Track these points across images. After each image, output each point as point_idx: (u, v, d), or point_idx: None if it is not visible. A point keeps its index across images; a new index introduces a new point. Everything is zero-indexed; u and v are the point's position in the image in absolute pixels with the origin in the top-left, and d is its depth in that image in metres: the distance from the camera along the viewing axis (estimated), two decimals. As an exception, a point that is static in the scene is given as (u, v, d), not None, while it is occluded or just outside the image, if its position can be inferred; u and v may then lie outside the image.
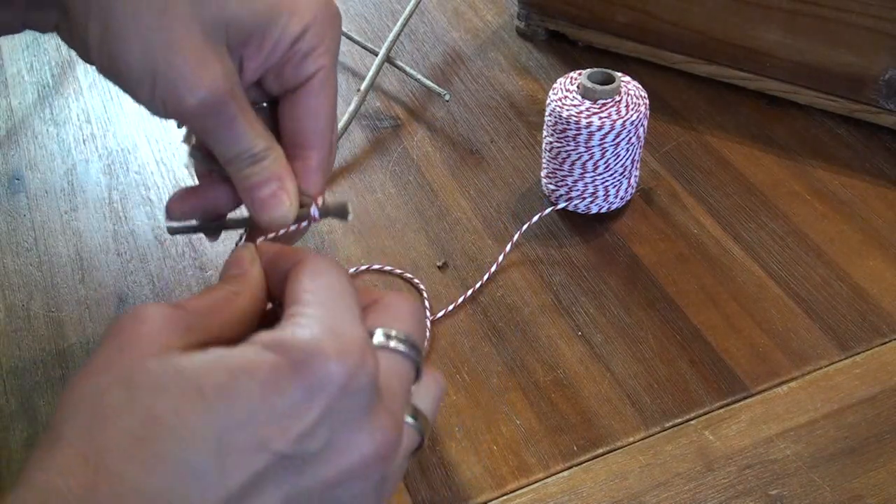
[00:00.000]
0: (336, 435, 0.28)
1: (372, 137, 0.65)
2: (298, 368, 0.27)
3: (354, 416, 0.29)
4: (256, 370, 0.27)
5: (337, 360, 0.28)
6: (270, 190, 0.37)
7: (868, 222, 0.56)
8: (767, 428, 0.45)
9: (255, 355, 0.28)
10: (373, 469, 0.29)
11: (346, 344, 0.28)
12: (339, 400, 0.28)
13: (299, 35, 0.37)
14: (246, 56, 0.37)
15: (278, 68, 0.38)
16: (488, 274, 0.53)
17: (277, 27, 0.36)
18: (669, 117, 0.65)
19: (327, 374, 0.28)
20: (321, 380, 0.27)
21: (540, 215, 0.55)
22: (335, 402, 0.28)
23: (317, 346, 0.28)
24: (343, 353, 0.28)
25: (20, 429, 0.47)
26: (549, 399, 0.47)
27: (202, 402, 0.27)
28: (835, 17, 0.59)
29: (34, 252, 0.56)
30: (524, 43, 0.73)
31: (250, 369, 0.27)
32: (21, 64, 0.72)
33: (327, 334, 0.28)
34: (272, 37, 0.36)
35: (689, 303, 0.52)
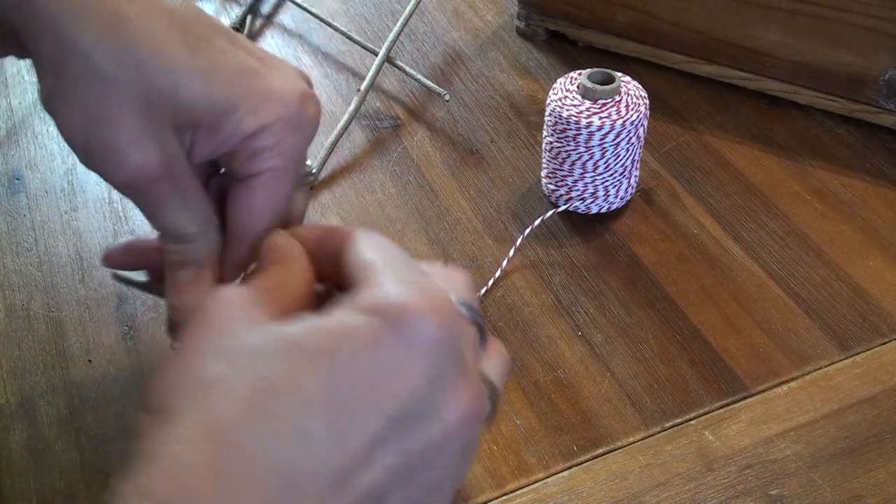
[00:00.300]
0: (436, 393, 0.28)
1: (372, 137, 0.65)
2: (396, 327, 0.27)
3: (451, 373, 0.28)
4: (355, 332, 0.27)
5: (431, 316, 0.27)
6: (187, 275, 0.37)
7: (868, 222, 0.56)
8: (767, 428, 0.45)
9: (350, 317, 0.27)
10: (468, 428, 0.29)
11: (436, 300, 0.28)
12: (437, 357, 0.27)
13: (253, 133, 0.35)
14: (197, 138, 0.36)
15: (229, 157, 0.37)
16: (492, 280, 0.53)
17: (231, 121, 0.35)
18: (669, 117, 0.65)
19: (425, 331, 0.27)
20: (420, 337, 0.27)
21: (542, 219, 0.55)
22: (434, 358, 0.27)
23: (409, 304, 0.27)
24: (435, 310, 0.27)
25: (20, 429, 0.47)
26: (549, 399, 0.47)
27: (310, 366, 0.26)
28: (835, 17, 0.59)
29: (34, 252, 0.56)
30: (524, 43, 0.73)
31: (349, 331, 0.27)
32: (21, 64, 0.72)
33: (415, 292, 0.28)
34: (225, 129, 0.35)
35: (689, 303, 0.52)
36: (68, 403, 0.48)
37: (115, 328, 0.51)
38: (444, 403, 0.28)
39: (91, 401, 0.48)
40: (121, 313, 0.52)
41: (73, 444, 0.46)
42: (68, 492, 0.44)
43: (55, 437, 0.46)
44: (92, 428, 0.47)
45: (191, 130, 0.35)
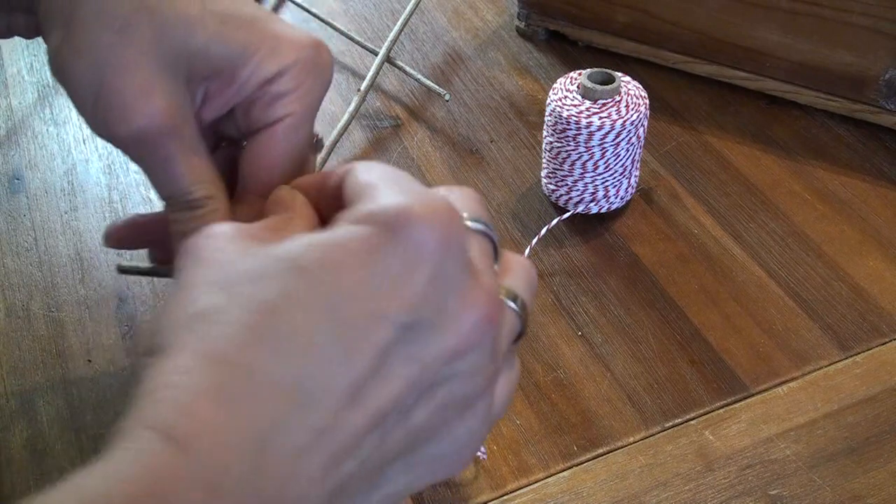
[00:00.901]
0: (446, 299, 0.27)
1: (372, 137, 0.65)
2: (395, 233, 0.26)
3: (457, 278, 0.27)
4: (352, 242, 0.26)
5: (430, 220, 0.26)
6: None
7: (868, 222, 0.56)
8: (767, 428, 0.45)
9: (348, 229, 0.26)
10: (485, 335, 0.28)
11: (434, 205, 0.27)
12: (441, 261, 0.26)
13: (272, 76, 0.35)
14: (212, 89, 0.35)
15: (247, 106, 0.36)
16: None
17: (250, 65, 0.34)
18: (669, 117, 0.65)
19: (425, 235, 0.26)
20: (420, 241, 0.26)
21: (547, 228, 0.55)
22: (438, 263, 0.26)
23: (407, 209, 0.26)
24: (434, 214, 0.26)
25: (20, 429, 0.47)
26: (549, 399, 0.47)
27: (307, 280, 0.25)
28: (835, 17, 0.59)
29: (34, 252, 0.56)
30: (524, 43, 0.73)
31: (345, 243, 0.26)
32: (21, 64, 0.72)
33: (414, 199, 0.27)
34: (243, 73, 0.35)
35: (689, 303, 0.52)
36: (68, 403, 0.48)
37: (115, 328, 0.51)
38: (456, 309, 0.27)
39: (91, 401, 0.48)
40: (121, 313, 0.52)
41: (73, 444, 0.46)
42: (68, 492, 0.44)
43: (55, 437, 0.46)
44: (92, 428, 0.47)
45: (204, 83, 0.35)
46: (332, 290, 0.25)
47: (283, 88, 0.35)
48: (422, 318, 0.26)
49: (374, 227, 0.26)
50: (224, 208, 0.36)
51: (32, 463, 0.45)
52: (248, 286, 0.26)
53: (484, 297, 0.28)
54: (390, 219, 0.26)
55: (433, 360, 0.27)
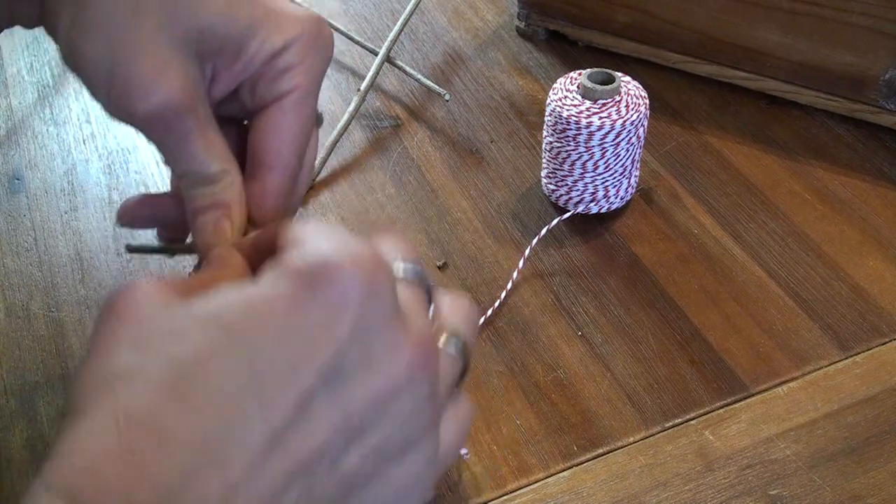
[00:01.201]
0: (370, 346, 0.27)
1: (372, 137, 0.65)
2: (317, 284, 0.26)
3: (383, 324, 0.27)
4: (273, 295, 0.26)
5: (352, 268, 0.26)
6: (214, 216, 0.35)
7: (868, 222, 0.56)
8: (767, 428, 0.45)
9: (268, 283, 0.27)
10: (417, 379, 0.28)
11: (358, 253, 0.27)
12: (365, 309, 0.27)
13: (279, 50, 0.35)
14: (220, 66, 0.36)
15: (253, 82, 0.36)
16: (504, 292, 0.53)
17: (256, 39, 0.35)
18: (669, 117, 0.65)
19: (347, 285, 0.26)
20: (342, 291, 0.26)
21: (547, 228, 0.55)
22: (361, 311, 0.26)
23: (329, 260, 0.26)
24: (357, 262, 0.27)
25: (20, 429, 0.47)
26: (549, 399, 0.47)
27: (226, 337, 0.25)
28: (835, 17, 0.59)
29: (34, 252, 0.56)
30: (524, 43, 0.73)
31: (268, 296, 0.26)
32: (21, 64, 0.72)
33: (336, 248, 0.27)
34: (250, 49, 0.35)
35: (689, 303, 0.52)
36: (68, 403, 0.48)
37: (115, 328, 0.51)
38: (382, 354, 0.27)
39: (91, 401, 0.48)
40: (120, 312, 0.52)
41: (73, 444, 0.46)
42: (68, 492, 0.44)
43: (55, 437, 0.46)
44: (92, 428, 0.46)
45: (213, 59, 0.35)
46: (251, 344, 0.25)
47: (289, 62, 0.36)
48: (344, 365, 0.26)
49: (296, 278, 0.26)
50: (239, 183, 0.36)
51: (32, 463, 0.45)
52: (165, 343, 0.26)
53: (413, 339, 0.28)
54: (311, 269, 0.26)
55: (359, 406, 0.27)
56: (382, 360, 0.27)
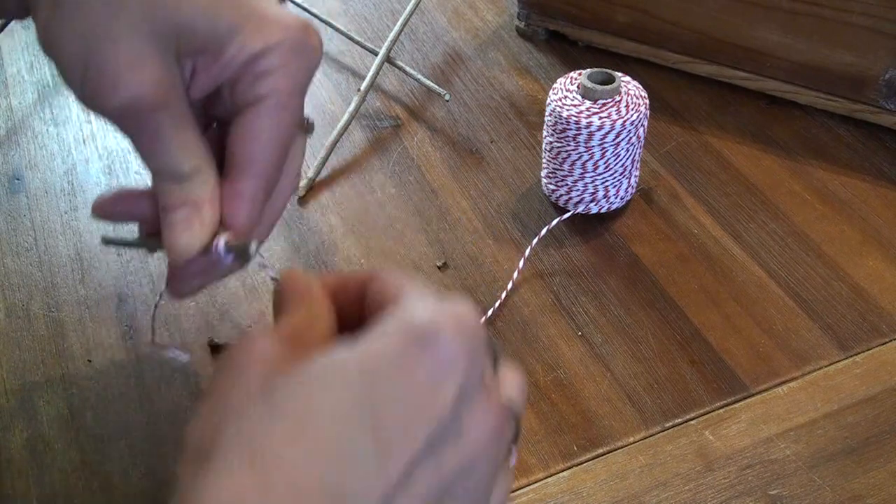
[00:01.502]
0: (465, 413, 0.28)
1: (372, 137, 0.65)
2: (428, 346, 0.27)
3: (476, 392, 0.28)
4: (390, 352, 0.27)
5: (457, 331, 0.27)
6: (184, 214, 0.35)
7: (868, 222, 0.56)
8: (767, 428, 0.45)
9: (383, 339, 0.27)
10: (493, 448, 0.29)
11: (462, 319, 0.28)
12: (465, 376, 0.27)
13: (258, 53, 0.35)
14: (199, 65, 0.35)
15: (232, 84, 0.36)
16: (505, 292, 0.53)
17: (237, 40, 0.34)
18: (669, 117, 0.65)
19: (453, 350, 0.27)
20: (450, 354, 0.27)
21: (547, 228, 0.55)
22: (462, 378, 0.27)
23: (437, 324, 0.27)
24: (461, 328, 0.27)
25: (20, 429, 0.47)
26: (549, 399, 0.47)
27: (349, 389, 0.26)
28: (835, 17, 0.59)
29: (34, 252, 0.56)
30: (524, 43, 0.73)
31: (384, 352, 0.27)
32: (21, 64, 0.72)
33: (442, 312, 0.28)
34: (230, 49, 0.34)
35: (689, 303, 0.52)
36: (68, 403, 0.48)
37: (115, 328, 0.51)
38: (471, 423, 0.28)
39: (91, 401, 0.48)
40: (121, 313, 0.52)
41: (73, 444, 0.46)
42: (68, 492, 0.44)
43: (55, 437, 0.46)
44: (92, 428, 0.47)
45: (192, 58, 0.35)
46: (372, 398, 0.26)
47: (268, 66, 0.35)
48: (445, 431, 0.27)
49: (409, 339, 0.27)
50: (213, 182, 0.36)
51: (32, 463, 0.45)
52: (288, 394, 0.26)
53: (494, 411, 0.29)
54: (423, 332, 0.27)
55: (451, 471, 0.27)
56: (472, 426, 0.28)
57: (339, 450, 0.26)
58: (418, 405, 0.27)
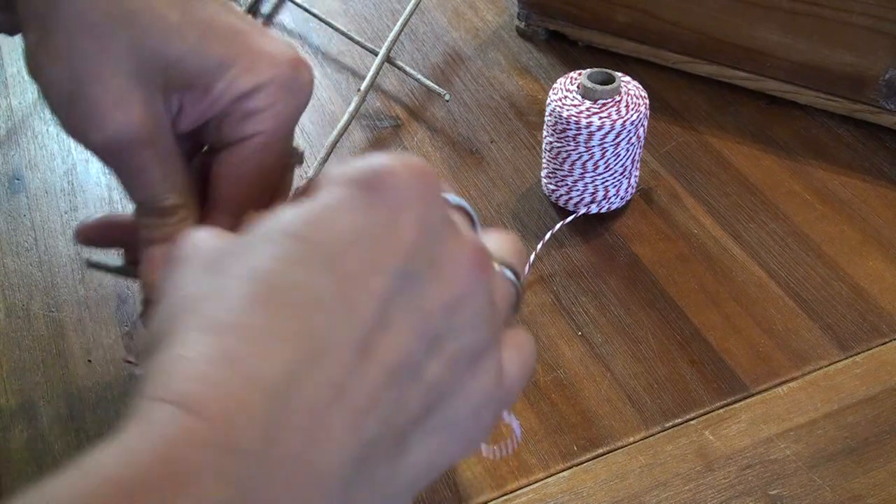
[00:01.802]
0: (435, 248, 0.27)
1: (372, 137, 0.65)
2: (375, 189, 0.26)
3: (442, 229, 0.27)
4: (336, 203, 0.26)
5: (408, 172, 0.26)
6: (162, 250, 0.35)
7: (868, 222, 0.56)
8: (767, 428, 0.45)
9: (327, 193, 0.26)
10: (478, 284, 0.27)
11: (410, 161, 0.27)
12: (425, 211, 0.26)
13: (247, 92, 0.35)
14: (187, 101, 0.35)
15: (219, 120, 0.36)
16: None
17: (224, 80, 0.34)
18: (669, 117, 0.65)
19: (406, 186, 0.26)
20: (402, 193, 0.26)
21: (551, 233, 0.54)
22: (422, 213, 0.26)
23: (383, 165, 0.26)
24: (411, 168, 0.27)
25: (20, 429, 0.47)
26: (549, 399, 0.47)
27: (299, 242, 0.25)
28: (835, 17, 0.59)
29: (34, 252, 0.56)
30: (524, 43, 0.73)
31: (330, 204, 0.26)
32: (21, 64, 0.72)
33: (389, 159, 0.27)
34: (217, 88, 0.34)
35: (689, 303, 0.52)
36: (68, 403, 0.48)
37: (115, 328, 0.51)
38: (446, 258, 0.27)
39: (91, 401, 0.48)
40: (121, 313, 0.52)
41: (73, 444, 0.46)
42: (68, 492, 0.44)
43: (55, 437, 0.46)
44: (92, 428, 0.47)
45: (179, 93, 0.35)
46: (326, 248, 0.25)
47: (256, 106, 0.35)
48: (415, 267, 0.26)
49: (353, 185, 0.26)
50: (194, 218, 0.36)
51: (32, 463, 0.45)
52: (240, 262, 0.25)
53: (470, 246, 0.28)
54: (369, 175, 0.26)
55: (434, 310, 0.26)
56: (446, 264, 0.27)
57: (297, 300, 0.24)
58: (377, 241, 0.26)
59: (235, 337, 0.24)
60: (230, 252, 0.26)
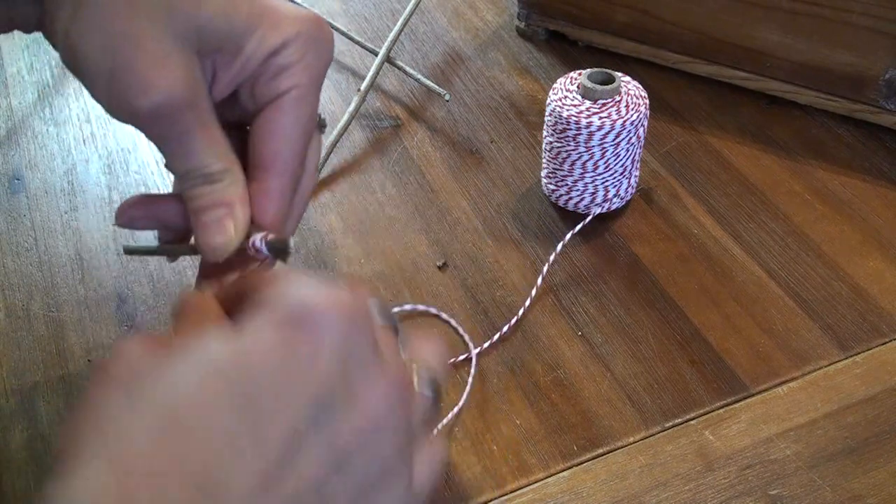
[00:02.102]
0: (353, 382, 0.28)
1: (372, 137, 0.65)
2: (299, 326, 0.27)
3: (363, 360, 0.28)
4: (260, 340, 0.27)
5: (332, 309, 0.27)
6: (216, 215, 0.35)
7: (868, 222, 0.56)
8: (767, 428, 0.45)
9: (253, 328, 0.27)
10: (394, 411, 0.29)
11: (336, 296, 0.28)
12: (346, 345, 0.27)
13: (277, 48, 0.35)
14: (219, 66, 0.35)
15: (252, 82, 0.36)
16: (522, 309, 0.53)
17: (254, 38, 0.35)
18: (669, 117, 0.65)
19: (327, 324, 0.27)
20: (323, 331, 0.27)
21: (562, 243, 0.54)
22: (341, 347, 0.27)
23: (309, 303, 0.27)
24: (336, 303, 0.28)
25: (20, 429, 0.47)
26: (549, 399, 0.47)
27: (219, 382, 0.26)
28: (835, 17, 0.59)
29: (34, 252, 0.56)
30: (524, 43, 0.73)
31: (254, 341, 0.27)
32: (21, 64, 0.72)
33: (314, 292, 0.28)
34: (248, 48, 0.35)
35: (689, 303, 0.52)
36: (68, 403, 0.48)
37: (115, 328, 0.51)
38: (363, 388, 0.28)
39: (91, 401, 0.48)
40: (121, 313, 0.52)
41: (73, 444, 0.46)
42: (68, 492, 0.44)
43: (55, 437, 0.46)
44: (92, 428, 0.47)
45: (212, 57, 0.35)
46: (243, 387, 0.26)
47: (287, 60, 0.36)
48: (329, 401, 0.27)
49: (279, 322, 0.27)
50: (242, 182, 0.36)
51: (32, 463, 0.45)
52: (155, 389, 0.26)
53: (390, 373, 0.29)
54: (293, 312, 0.27)
55: (344, 441, 0.27)
56: (364, 396, 0.28)
57: (205, 436, 0.25)
58: (294, 379, 0.26)
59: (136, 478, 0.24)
60: (150, 377, 0.26)
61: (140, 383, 0.26)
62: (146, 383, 0.26)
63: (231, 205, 0.35)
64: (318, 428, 0.27)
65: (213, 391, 0.26)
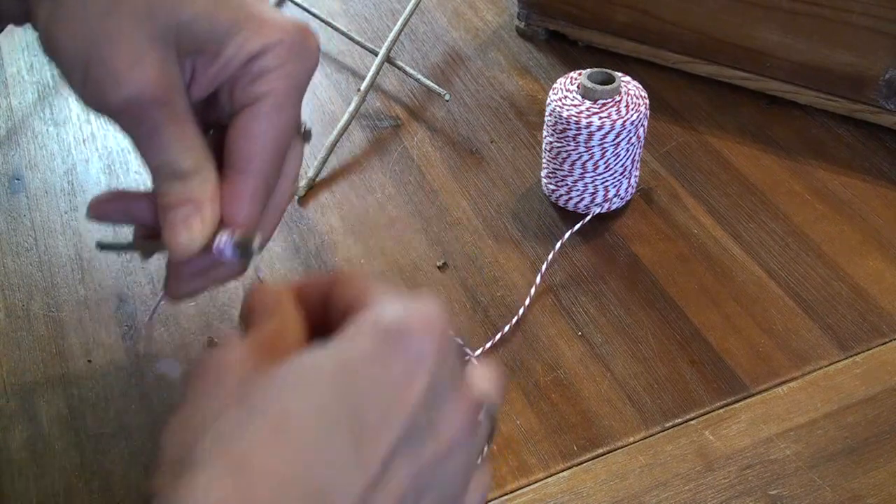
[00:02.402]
0: (440, 404, 0.29)
1: (372, 137, 0.65)
2: (397, 343, 0.28)
3: (448, 384, 0.29)
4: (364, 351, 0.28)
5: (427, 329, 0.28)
6: (184, 213, 0.35)
7: (868, 222, 0.56)
8: (767, 428, 0.45)
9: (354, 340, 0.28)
10: (469, 437, 0.30)
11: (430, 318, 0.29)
12: (437, 368, 0.28)
13: (257, 53, 0.35)
14: (199, 65, 0.35)
15: (231, 84, 0.36)
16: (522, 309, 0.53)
17: (236, 41, 0.35)
18: (669, 117, 0.65)
19: (424, 346, 0.28)
20: (420, 350, 0.28)
21: (560, 242, 0.54)
22: (434, 370, 0.28)
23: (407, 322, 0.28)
24: (429, 326, 0.28)
25: (20, 429, 0.47)
26: (549, 399, 0.47)
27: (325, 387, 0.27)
28: (835, 17, 0.59)
29: (34, 252, 0.56)
30: (524, 43, 0.73)
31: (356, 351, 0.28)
32: (21, 64, 0.72)
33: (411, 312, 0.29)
34: (228, 50, 0.35)
35: (689, 303, 0.52)
36: (68, 403, 0.48)
37: (115, 328, 0.51)
38: (445, 415, 0.29)
39: (91, 401, 0.48)
40: (121, 313, 0.52)
41: (73, 444, 0.46)
42: (68, 492, 0.44)
43: (55, 437, 0.46)
44: (92, 428, 0.47)
45: (192, 57, 0.35)
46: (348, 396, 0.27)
47: (266, 66, 0.36)
48: (420, 423, 0.28)
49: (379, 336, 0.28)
50: (213, 182, 0.36)
51: (32, 463, 0.45)
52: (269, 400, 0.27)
53: (467, 402, 0.30)
54: (393, 328, 0.28)
55: (428, 461, 0.28)
56: (445, 420, 0.29)
57: (318, 448, 0.26)
58: (393, 399, 0.27)
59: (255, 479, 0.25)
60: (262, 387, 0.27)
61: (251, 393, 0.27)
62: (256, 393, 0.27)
63: (199, 203, 0.35)
64: (409, 446, 0.28)
65: (321, 402, 0.27)
